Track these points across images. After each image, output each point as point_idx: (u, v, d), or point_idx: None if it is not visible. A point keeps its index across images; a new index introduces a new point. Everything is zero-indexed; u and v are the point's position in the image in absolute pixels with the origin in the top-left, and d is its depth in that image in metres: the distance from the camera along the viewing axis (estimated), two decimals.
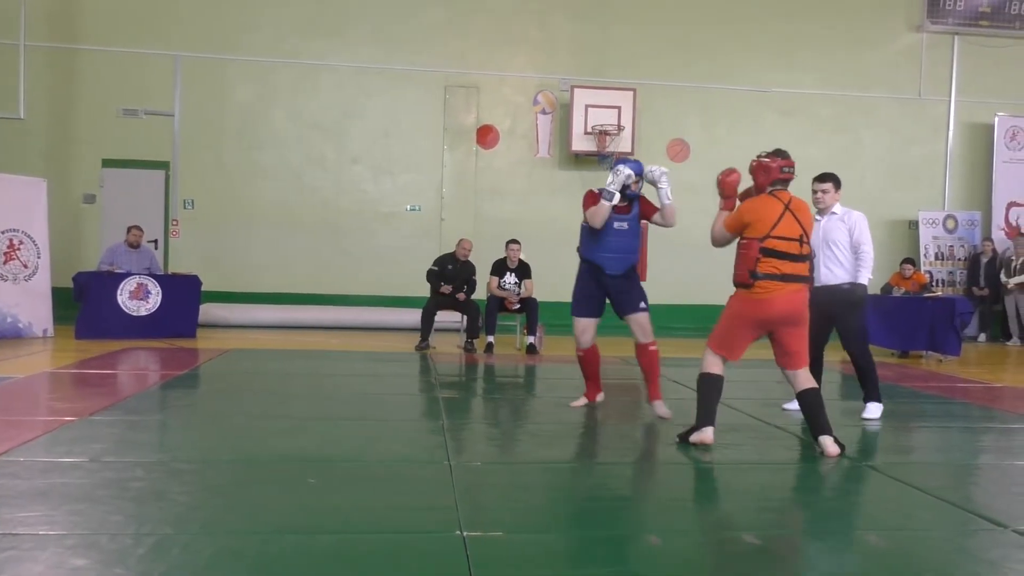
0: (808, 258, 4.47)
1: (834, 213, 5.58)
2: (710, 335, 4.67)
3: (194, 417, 5.27)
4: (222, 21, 12.44)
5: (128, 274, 9.38)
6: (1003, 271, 12.08)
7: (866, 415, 5.62)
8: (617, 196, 5.23)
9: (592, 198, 5.38)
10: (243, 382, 6.67)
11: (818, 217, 5.47)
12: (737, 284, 4.42)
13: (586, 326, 5.48)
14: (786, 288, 4.33)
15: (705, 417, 4.55)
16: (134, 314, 9.29)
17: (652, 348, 5.45)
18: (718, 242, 4.65)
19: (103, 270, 9.50)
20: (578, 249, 5.54)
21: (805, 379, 4.51)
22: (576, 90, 12.48)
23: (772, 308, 4.34)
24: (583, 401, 5.71)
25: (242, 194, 12.48)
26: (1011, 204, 13.35)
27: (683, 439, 4.61)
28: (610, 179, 5.25)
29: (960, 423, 5.76)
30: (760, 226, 4.36)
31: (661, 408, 5.43)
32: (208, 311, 10.80)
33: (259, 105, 12.58)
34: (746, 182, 4.76)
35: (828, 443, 4.40)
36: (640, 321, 5.40)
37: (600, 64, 12.94)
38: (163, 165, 12.40)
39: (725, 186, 4.69)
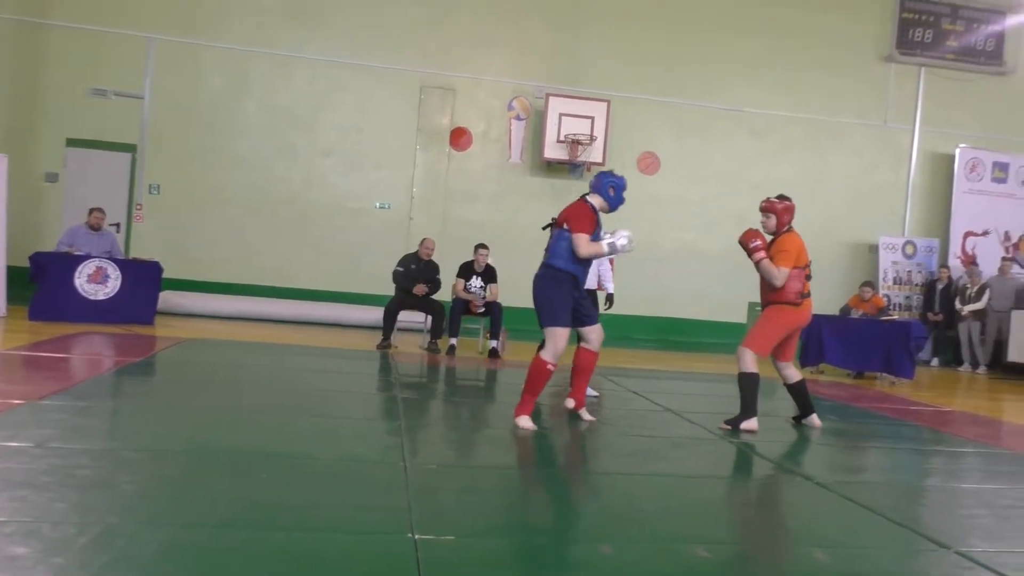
0: None
1: None
2: (749, 339, 5.73)
3: (147, 406, 5.17)
4: (198, 5, 12.29)
5: (87, 257, 9.20)
6: (958, 298, 12.37)
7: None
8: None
9: (589, 219, 5.15)
10: (199, 372, 6.58)
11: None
12: (784, 302, 5.63)
13: (567, 334, 5.24)
14: (809, 301, 5.76)
15: (752, 408, 5.57)
16: (91, 298, 9.11)
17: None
18: (783, 279, 5.59)
19: (62, 251, 9.31)
20: (552, 264, 5.21)
21: (795, 371, 5.95)
22: (551, 98, 12.53)
23: (805, 316, 5.75)
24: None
25: (209, 182, 12.32)
26: (968, 233, 13.69)
27: (733, 426, 5.54)
28: (624, 241, 5.15)
29: (909, 445, 5.88)
30: (803, 258, 5.67)
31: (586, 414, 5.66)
32: (168, 299, 10.64)
33: (231, 93, 12.44)
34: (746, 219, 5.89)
35: (815, 419, 5.99)
36: (600, 331, 5.51)
37: (575, 73, 13.00)
38: (130, 148, 12.20)
39: (757, 246, 5.66)
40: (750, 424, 5.55)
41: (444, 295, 9.73)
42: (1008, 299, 11.97)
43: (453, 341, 9.14)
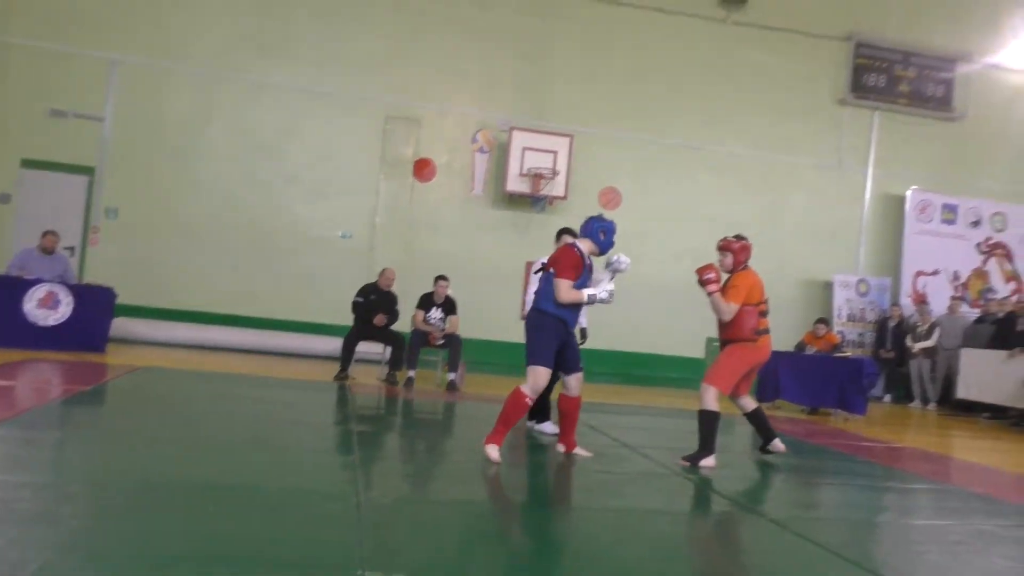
0: None
1: None
2: (711, 376, 5.77)
3: (93, 437, 5.04)
4: (164, 28, 12.22)
5: (38, 281, 8.99)
6: (909, 336, 12.64)
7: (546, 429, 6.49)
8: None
9: (573, 264, 5.22)
10: (150, 402, 6.44)
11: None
12: (740, 339, 5.72)
13: (549, 374, 5.29)
14: (768, 337, 5.83)
15: (711, 446, 5.63)
16: (41, 323, 8.89)
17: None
18: (731, 314, 5.72)
19: (12, 274, 9.09)
20: (541, 307, 5.27)
21: (751, 400, 6.10)
22: (515, 131, 12.64)
23: (765, 353, 5.84)
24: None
25: (169, 207, 12.16)
26: (918, 273, 14.04)
27: (693, 463, 5.57)
28: (604, 295, 5.31)
29: (862, 481, 5.95)
30: (756, 295, 5.76)
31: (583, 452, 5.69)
32: (122, 325, 10.43)
33: (195, 117, 12.34)
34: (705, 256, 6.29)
35: (779, 443, 6.12)
36: (580, 378, 5.54)
37: (539, 108, 13.16)
38: (87, 171, 12.00)
39: (710, 279, 5.77)
40: (708, 461, 5.62)
41: (403, 326, 9.68)
42: (957, 337, 12.24)
43: (411, 373, 9.08)
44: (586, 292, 5.25)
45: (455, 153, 13.07)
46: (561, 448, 5.69)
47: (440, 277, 9.51)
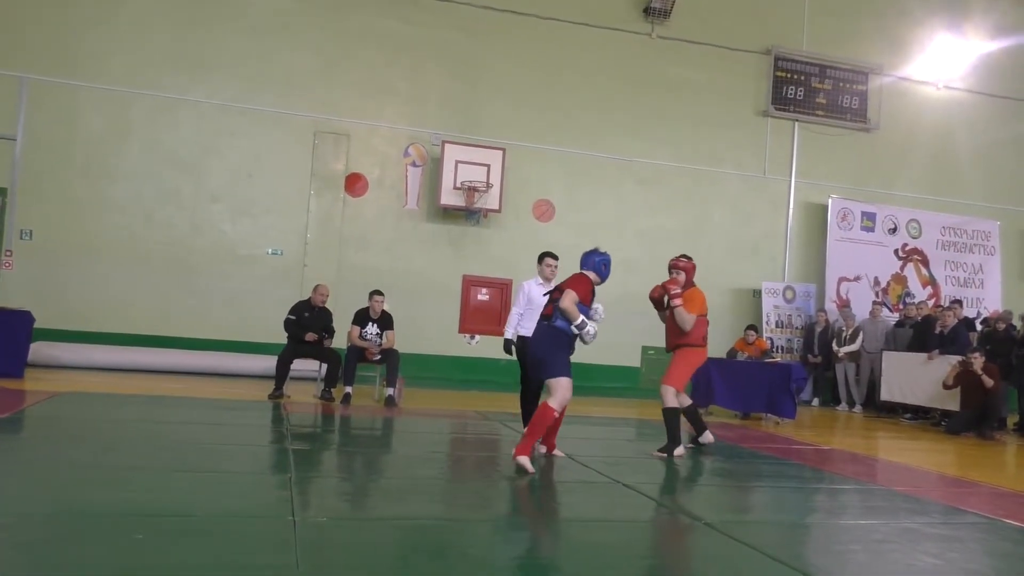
0: None
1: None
2: (668, 378, 6.63)
3: (11, 465, 4.81)
4: (77, 45, 11.83)
5: None
6: (834, 341, 13.04)
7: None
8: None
9: (587, 289, 5.71)
10: (71, 428, 6.18)
11: (546, 285, 6.88)
12: (692, 344, 6.62)
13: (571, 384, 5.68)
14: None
15: (678, 438, 6.56)
16: None
17: None
18: (692, 324, 6.53)
19: None
20: (559, 326, 5.63)
21: (686, 397, 7.01)
22: (447, 145, 12.65)
23: (705, 356, 6.80)
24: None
25: (88, 227, 11.75)
26: (841, 279, 14.53)
27: (668, 454, 6.45)
28: (593, 331, 5.61)
29: (792, 483, 6.11)
30: (704, 308, 6.68)
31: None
32: (40, 350, 10.03)
33: (111, 135, 11.97)
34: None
35: (709, 435, 7.19)
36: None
37: (471, 122, 13.19)
38: None
39: (677, 293, 6.56)
40: (679, 451, 6.53)
41: (339, 342, 9.55)
42: (879, 341, 12.68)
43: (348, 389, 8.96)
44: (582, 317, 5.59)
45: (387, 167, 12.99)
46: (542, 450, 6.07)
47: (375, 292, 9.43)
